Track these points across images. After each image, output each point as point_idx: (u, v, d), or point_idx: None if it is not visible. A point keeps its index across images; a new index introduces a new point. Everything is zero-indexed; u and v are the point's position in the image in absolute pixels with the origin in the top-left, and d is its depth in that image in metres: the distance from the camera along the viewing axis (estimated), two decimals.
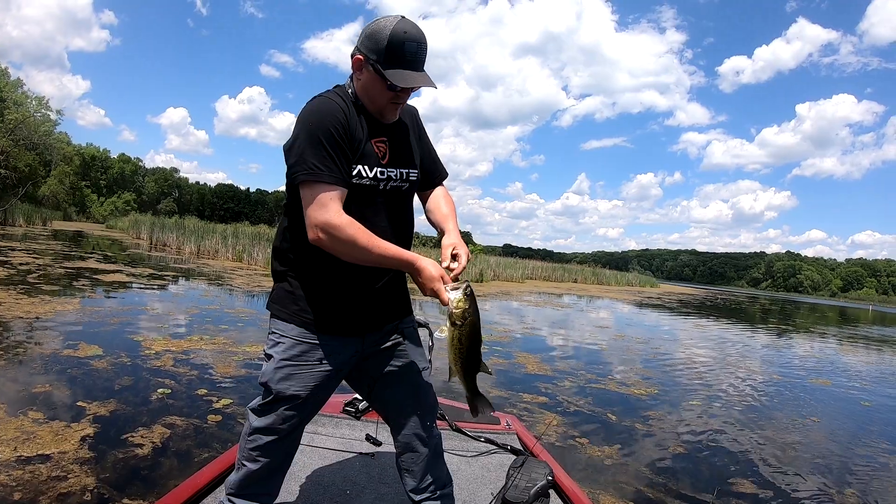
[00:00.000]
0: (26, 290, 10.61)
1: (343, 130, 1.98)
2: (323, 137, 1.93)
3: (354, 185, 2.00)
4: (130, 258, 22.76)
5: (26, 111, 44.52)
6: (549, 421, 5.91)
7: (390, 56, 1.93)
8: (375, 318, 2.19)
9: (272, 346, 2.12)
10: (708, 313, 30.35)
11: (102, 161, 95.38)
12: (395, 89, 1.98)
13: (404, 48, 1.92)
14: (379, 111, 2.07)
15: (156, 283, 14.75)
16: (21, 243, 23.22)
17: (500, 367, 8.53)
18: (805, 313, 47.22)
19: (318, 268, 2.09)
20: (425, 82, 1.99)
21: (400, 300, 2.30)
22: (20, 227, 37.55)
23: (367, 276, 2.10)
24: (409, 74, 1.95)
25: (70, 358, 6.32)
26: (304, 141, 1.94)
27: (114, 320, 8.77)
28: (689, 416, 6.93)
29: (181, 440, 4.40)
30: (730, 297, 66.84)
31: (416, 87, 2.01)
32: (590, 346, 12.06)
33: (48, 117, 48.21)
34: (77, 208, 72.56)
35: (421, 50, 1.97)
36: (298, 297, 2.12)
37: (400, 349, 2.27)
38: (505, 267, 40.50)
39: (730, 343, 16.21)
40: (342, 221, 1.90)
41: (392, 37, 1.92)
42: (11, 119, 41.54)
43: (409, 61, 1.94)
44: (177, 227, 34.59)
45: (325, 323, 2.11)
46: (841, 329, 30.87)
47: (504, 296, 23.73)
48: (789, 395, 9.12)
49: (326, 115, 1.97)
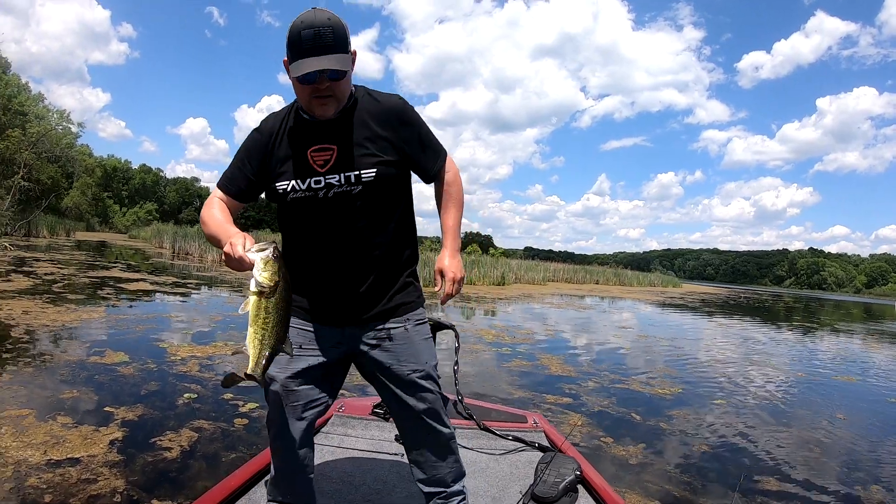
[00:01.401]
0: (52, 300, 10.76)
1: (252, 150, 2.17)
2: (235, 156, 2.22)
3: (290, 200, 2.10)
4: (154, 267, 22.97)
5: (48, 125, 45.01)
6: (574, 421, 5.88)
7: (291, 50, 1.94)
8: (352, 309, 2.16)
9: None
10: (731, 312, 30.07)
11: (124, 172, 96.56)
12: (304, 82, 1.94)
13: (301, 37, 1.90)
14: (310, 110, 2.05)
15: (179, 291, 14.87)
16: (45, 254, 23.53)
17: (524, 368, 8.52)
18: (829, 310, 46.69)
19: (291, 251, 2.18)
20: (322, 64, 1.90)
21: (391, 298, 2.21)
22: (44, 238, 38.12)
23: (337, 264, 2.12)
24: (306, 62, 1.90)
25: (96, 365, 6.40)
26: None
27: (139, 327, 8.86)
28: (714, 415, 6.87)
29: (209, 443, 4.43)
30: (753, 296, 66.24)
31: (319, 71, 1.92)
32: (613, 347, 12.00)
33: (70, 130, 48.68)
34: (100, 219, 73.33)
35: (320, 35, 1.89)
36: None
37: (384, 349, 2.19)
38: (526, 269, 40.38)
39: (753, 342, 16.04)
40: (210, 200, 2.18)
41: (291, 31, 1.93)
42: (34, 133, 42.02)
43: (308, 49, 1.90)
44: (199, 236, 34.77)
45: (300, 306, 2.16)
46: (866, 325, 30.45)
47: (526, 298, 23.68)
48: (814, 392, 9.01)
49: (246, 140, 2.21)
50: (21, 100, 44.20)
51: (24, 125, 42.10)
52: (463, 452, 3.46)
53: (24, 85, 48.37)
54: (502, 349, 9.97)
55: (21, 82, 47.94)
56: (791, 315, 34.23)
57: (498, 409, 4.27)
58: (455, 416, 3.77)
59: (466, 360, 8.64)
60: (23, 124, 42.11)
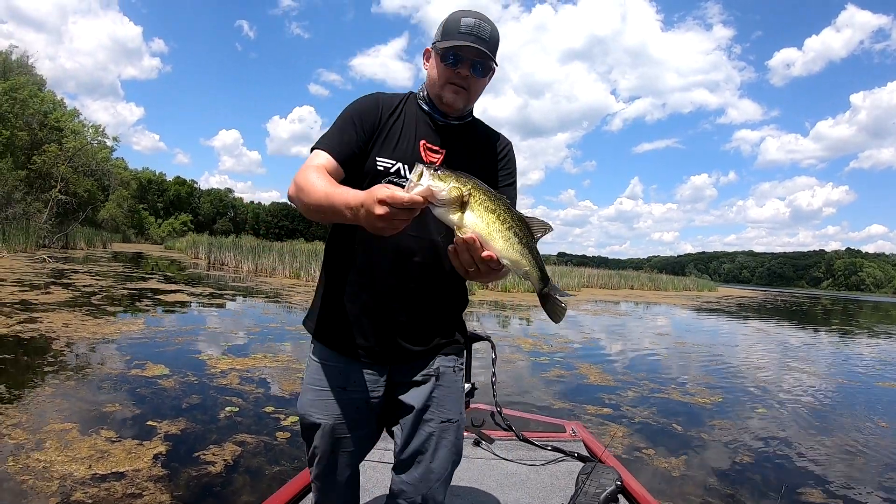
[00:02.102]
0: (91, 312, 10.93)
1: (366, 113, 1.97)
2: (340, 119, 1.98)
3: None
4: (190, 278, 23.25)
5: (84, 139, 45.89)
6: (615, 433, 5.82)
7: (446, 30, 1.93)
8: (409, 340, 1.98)
9: (306, 368, 2.08)
10: (768, 316, 29.69)
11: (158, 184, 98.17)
12: (448, 59, 1.91)
13: (461, 22, 1.90)
14: (438, 95, 1.98)
15: (216, 302, 15.04)
16: (83, 265, 23.91)
17: (563, 378, 8.45)
18: (868, 312, 45.90)
19: (339, 281, 2.02)
20: (475, 51, 1.88)
21: (439, 329, 2.06)
22: (81, 250, 38.73)
23: (389, 290, 1.95)
24: (460, 41, 1.88)
25: (137, 377, 6.47)
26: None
27: (178, 339, 8.95)
28: (755, 425, 6.75)
29: (252, 457, 4.45)
30: (790, 299, 65.29)
31: (467, 58, 1.90)
32: (650, 355, 11.88)
33: (105, 144, 49.64)
34: (135, 230, 74.42)
35: (481, 25, 1.90)
36: (324, 314, 2.05)
37: (428, 388, 2.01)
38: (560, 276, 40.20)
39: (792, 346, 15.79)
40: (307, 167, 1.82)
41: (450, 16, 1.96)
42: (70, 147, 42.89)
43: (465, 34, 1.88)
44: (234, 247, 35.26)
45: (345, 345, 1.99)
46: None
47: None
48: (856, 399, 8.81)
49: (355, 103, 2.02)
50: (57, 115, 45.18)
51: (61, 140, 43.00)
52: (503, 464, 3.45)
53: (60, 101, 49.43)
54: (540, 358, 9.91)
55: (56, 98, 49.03)
56: (829, 318, 33.67)
57: (536, 420, 4.26)
58: (494, 427, 3.77)
59: (505, 369, 8.61)
60: (59, 139, 43.06)
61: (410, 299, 1.97)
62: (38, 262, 23.00)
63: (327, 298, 2.05)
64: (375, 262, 1.95)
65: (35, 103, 41.47)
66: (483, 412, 4.03)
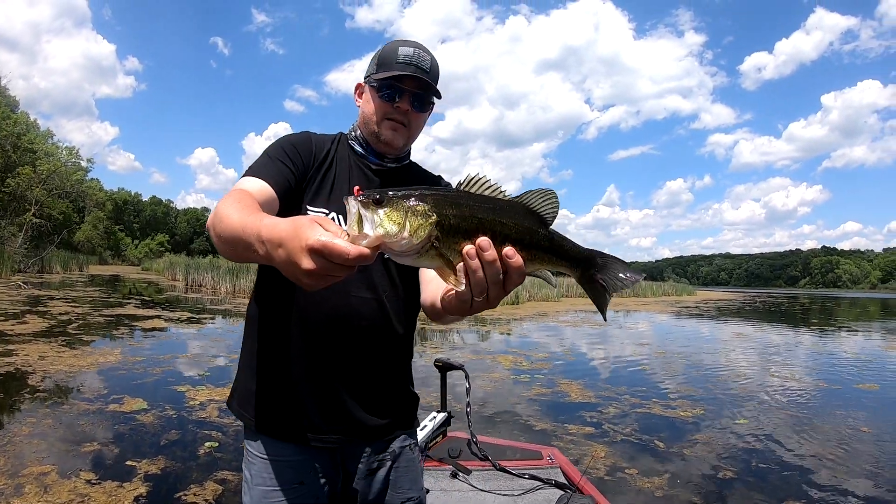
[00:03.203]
0: (68, 342, 10.82)
1: (300, 146, 1.76)
2: (270, 149, 1.73)
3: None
4: (168, 301, 23.08)
5: (58, 161, 45.60)
6: (597, 453, 5.84)
7: (383, 63, 1.77)
8: (359, 423, 1.75)
9: (246, 466, 1.78)
10: (747, 318, 30.04)
11: (134, 204, 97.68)
12: (385, 92, 1.75)
13: (398, 52, 1.75)
14: (374, 133, 1.80)
15: (194, 328, 14.92)
16: (59, 291, 23.68)
17: (544, 396, 8.46)
18: (846, 309, 46.55)
19: (274, 353, 1.74)
20: (414, 83, 1.74)
21: (403, 405, 1.91)
22: (57, 274, 38.36)
23: (336, 362, 1.72)
24: (398, 74, 1.73)
25: (116, 413, 6.41)
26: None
27: (156, 370, 8.86)
28: (737, 437, 6.81)
29: (234, 496, 4.42)
30: (768, 300, 65.91)
31: (407, 89, 1.75)
32: (631, 366, 11.92)
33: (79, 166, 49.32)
34: (112, 252, 73.91)
35: (420, 55, 1.75)
36: (263, 398, 1.75)
37: (385, 473, 1.82)
38: (540, 286, 40.20)
39: (772, 350, 15.98)
40: (230, 192, 1.48)
41: (386, 47, 1.81)
42: (44, 170, 42.59)
43: (403, 64, 1.73)
44: (211, 268, 35.01)
45: (297, 432, 1.71)
46: (884, 323, 30.41)
47: (541, 317, 23.57)
48: (837, 404, 8.90)
49: (286, 137, 1.80)
50: (30, 137, 44.86)
51: (35, 162, 42.66)
52: (480, 496, 3.46)
53: (33, 122, 49.14)
54: (521, 376, 9.92)
55: (30, 120, 48.81)
56: (808, 317, 34.15)
57: (512, 447, 4.27)
58: (471, 456, 3.78)
59: (485, 389, 8.64)
60: (33, 161, 42.70)
61: (361, 370, 1.75)
62: (14, 289, 22.74)
63: (265, 376, 1.76)
64: (316, 328, 1.70)
65: (8, 125, 41.18)
66: (460, 441, 4.04)
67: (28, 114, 50.06)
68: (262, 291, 1.80)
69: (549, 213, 1.12)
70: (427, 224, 1.02)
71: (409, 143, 1.88)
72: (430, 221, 1.02)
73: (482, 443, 3.88)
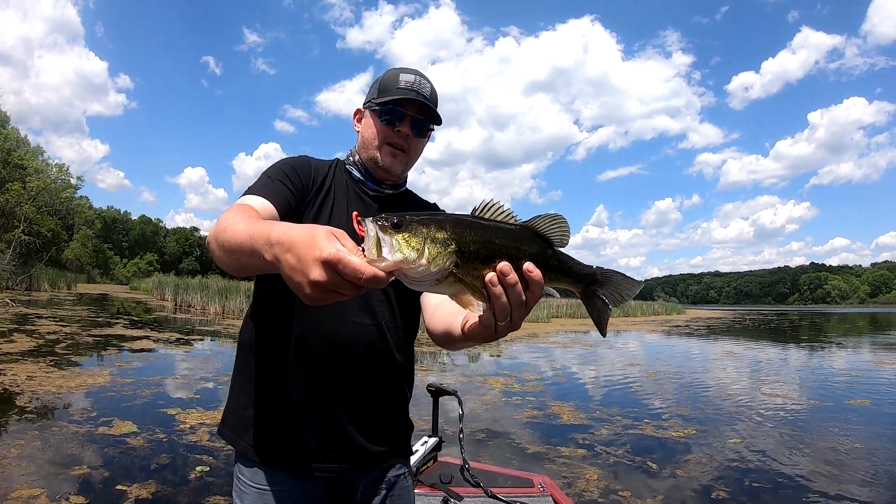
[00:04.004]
0: (56, 362, 10.75)
1: (300, 169, 1.75)
2: (270, 171, 1.72)
3: None
4: (156, 321, 22.94)
5: (47, 178, 45.45)
6: (590, 476, 5.82)
7: (384, 88, 1.79)
8: (354, 452, 1.71)
9: (238, 496, 1.73)
10: (737, 336, 30.09)
11: (124, 223, 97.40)
12: (386, 117, 1.77)
13: (399, 78, 1.78)
14: (372, 159, 1.81)
15: (183, 349, 14.81)
16: (47, 309, 23.55)
17: (536, 419, 8.41)
18: (835, 325, 46.77)
19: (271, 378, 1.70)
20: (415, 108, 1.77)
21: (401, 433, 1.89)
22: (45, 292, 38.13)
23: (350, 375, 1.70)
24: (399, 99, 1.76)
25: (105, 436, 6.34)
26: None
27: (145, 392, 8.79)
28: (729, 457, 6.80)
29: None
30: (758, 317, 66.17)
31: (408, 113, 1.78)
32: (622, 388, 11.89)
33: (69, 183, 49.19)
34: (100, 270, 73.56)
35: (421, 82, 1.79)
36: (262, 426, 1.70)
37: (382, 503, 1.79)
38: None
39: (762, 368, 16.03)
40: (233, 205, 1.48)
41: (387, 73, 1.83)
42: (33, 186, 42.45)
43: (404, 90, 1.76)
44: (200, 288, 34.91)
45: (296, 461, 1.67)
46: (873, 337, 30.57)
47: (531, 339, 23.51)
48: (829, 420, 8.91)
49: (285, 159, 1.79)
50: (21, 153, 44.72)
51: (24, 178, 42.51)
52: None
53: (24, 138, 49.00)
54: (512, 399, 9.88)
55: (20, 136, 48.67)
56: (797, 333, 34.25)
57: (504, 474, 4.26)
58: (462, 483, 3.77)
59: (477, 412, 8.58)
60: (22, 178, 42.55)
61: (360, 397, 1.73)
62: (1, 307, 22.57)
63: (262, 403, 1.71)
64: (314, 354, 1.68)
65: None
66: (452, 466, 4.02)
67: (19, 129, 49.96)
68: (259, 314, 1.79)
69: (558, 236, 1.12)
70: (446, 252, 1.00)
71: (406, 170, 1.89)
72: (449, 250, 1.00)
73: (474, 469, 3.86)
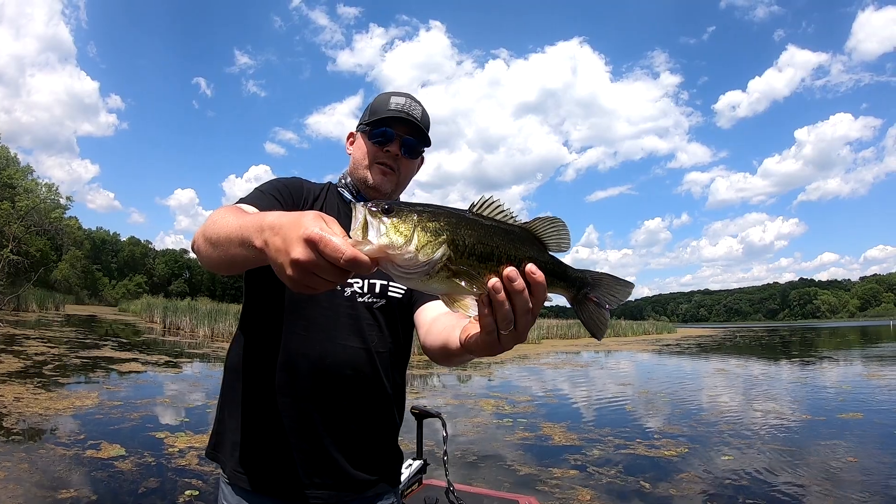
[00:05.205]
0: (43, 384, 10.66)
1: (292, 188, 1.78)
2: (262, 186, 1.75)
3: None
4: (145, 344, 22.75)
5: (37, 198, 45.27)
6: (582, 497, 5.79)
7: (376, 111, 1.83)
8: (343, 479, 1.70)
9: None
10: (728, 353, 30.19)
11: (113, 244, 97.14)
12: (376, 137, 1.80)
13: (390, 101, 1.82)
14: (363, 179, 1.83)
15: (172, 372, 14.65)
16: (35, 330, 23.37)
17: (527, 441, 8.35)
18: (825, 339, 46.93)
19: (259, 404, 1.69)
20: (406, 128, 1.82)
21: (391, 458, 1.87)
22: (33, 313, 37.84)
23: (339, 396, 1.69)
24: (390, 120, 1.80)
25: (93, 459, 6.27)
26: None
27: (133, 415, 8.69)
28: (721, 475, 6.77)
29: None
30: (748, 334, 66.34)
31: (399, 134, 1.82)
32: (614, 408, 11.85)
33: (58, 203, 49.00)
34: (89, 291, 73.10)
35: (412, 105, 1.82)
36: (256, 453, 1.68)
37: None
38: None
39: (754, 384, 16.04)
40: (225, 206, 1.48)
41: (378, 97, 1.88)
42: (22, 206, 42.27)
43: (395, 111, 1.80)
44: (189, 310, 34.74)
45: (291, 490, 1.66)
46: (864, 350, 30.66)
47: (522, 360, 23.40)
48: (822, 435, 8.89)
49: (278, 178, 1.81)
50: (10, 172, 44.60)
51: (13, 198, 42.34)
52: None
53: (13, 157, 48.82)
54: (503, 420, 9.82)
55: (10, 154, 48.49)
56: (788, 349, 34.33)
57: (490, 495, 4.22)
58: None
59: (468, 434, 8.55)
60: (11, 197, 42.38)
61: (349, 422, 1.72)
62: None
63: (250, 429, 1.69)
64: (303, 378, 1.67)
65: None
66: (437, 489, 3.99)
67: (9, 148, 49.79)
68: (246, 336, 1.77)
69: (555, 240, 1.08)
70: (437, 242, 0.95)
71: (398, 192, 1.90)
72: (440, 240, 0.95)
73: (459, 491, 3.83)
